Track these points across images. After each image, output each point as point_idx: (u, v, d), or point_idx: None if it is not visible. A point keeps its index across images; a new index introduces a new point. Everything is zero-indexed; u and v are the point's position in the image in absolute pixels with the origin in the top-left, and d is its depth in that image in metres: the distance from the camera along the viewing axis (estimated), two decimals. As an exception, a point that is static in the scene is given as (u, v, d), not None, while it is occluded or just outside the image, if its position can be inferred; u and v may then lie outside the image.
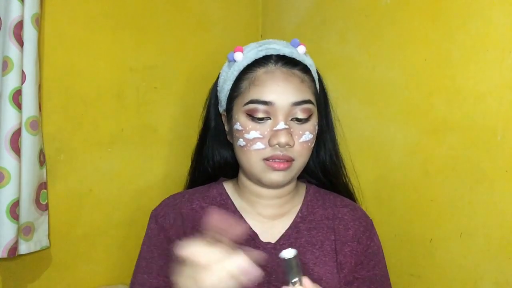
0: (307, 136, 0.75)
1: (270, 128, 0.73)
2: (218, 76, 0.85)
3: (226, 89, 0.80)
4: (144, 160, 1.17)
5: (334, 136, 0.88)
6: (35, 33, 0.92)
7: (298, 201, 0.84)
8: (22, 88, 0.91)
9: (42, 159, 0.97)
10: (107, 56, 1.09)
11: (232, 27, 1.35)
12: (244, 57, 0.78)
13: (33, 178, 0.94)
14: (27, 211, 0.93)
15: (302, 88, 0.75)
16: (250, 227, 0.78)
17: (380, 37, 1.09)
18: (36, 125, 0.94)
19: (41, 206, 0.97)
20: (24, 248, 0.94)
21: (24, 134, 0.92)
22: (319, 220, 0.81)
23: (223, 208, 0.81)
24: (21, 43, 0.89)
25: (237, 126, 0.76)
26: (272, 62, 0.76)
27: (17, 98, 0.89)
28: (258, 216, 0.81)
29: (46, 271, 1.03)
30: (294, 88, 0.74)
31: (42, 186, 0.98)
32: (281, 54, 0.77)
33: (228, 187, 0.85)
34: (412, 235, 1.03)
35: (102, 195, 1.10)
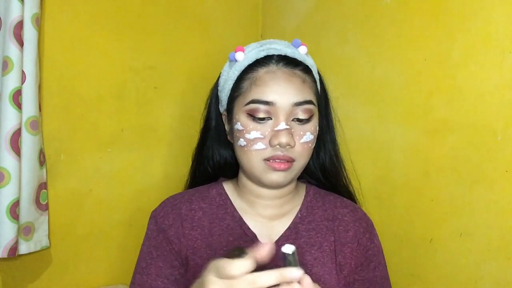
0: (308, 136, 0.75)
1: (271, 128, 0.73)
2: (219, 76, 0.84)
3: (227, 89, 0.80)
4: (144, 160, 1.17)
5: (334, 137, 0.87)
6: (35, 33, 0.92)
7: (298, 201, 0.83)
8: (22, 88, 0.91)
9: (42, 159, 0.97)
10: (107, 56, 1.09)
11: (232, 27, 1.35)
12: (245, 57, 0.78)
13: (33, 178, 0.94)
14: (27, 211, 0.93)
15: (303, 88, 0.75)
16: (249, 228, 0.78)
17: (380, 37, 1.09)
18: (36, 125, 0.94)
19: (41, 206, 0.97)
20: (24, 248, 0.94)
21: (24, 134, 0.92)
22: (318, 221, 0.81)
23: (222, 209, 0.81)
24: (21, 43, 0.89)
25: (237, 126, 0.75)
26: (273, 62, 0.76)
27: (17, 98, 0.89)
28: (258, 216, 0.80)
29: (46, 271, 1.02)
30: (295, 89, 0.74)
31: (42, 186, 0.97)
32: (282, 54, 0.77)
33: (228, 187, 0.85)
34: (412, 235, 1.03)
35: (102, 195, 1.10)
